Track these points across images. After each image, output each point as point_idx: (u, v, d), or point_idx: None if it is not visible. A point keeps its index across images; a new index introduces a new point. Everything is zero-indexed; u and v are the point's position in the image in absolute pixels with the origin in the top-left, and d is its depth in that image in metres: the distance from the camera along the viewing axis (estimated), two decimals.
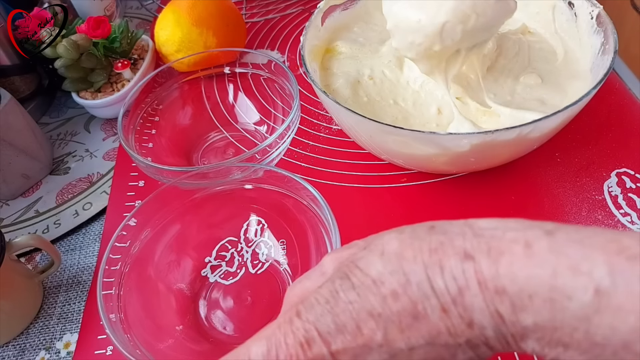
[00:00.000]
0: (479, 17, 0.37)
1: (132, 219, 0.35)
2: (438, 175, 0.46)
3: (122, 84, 0.56)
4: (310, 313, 0.21)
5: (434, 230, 0.20)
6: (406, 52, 0.41)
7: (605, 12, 0.43)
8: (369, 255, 0.21)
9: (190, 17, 0.54)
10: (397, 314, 0.19)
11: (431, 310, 0.19)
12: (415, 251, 0.20)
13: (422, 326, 0.19)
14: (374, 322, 0.20)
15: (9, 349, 0.40)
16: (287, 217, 0.39)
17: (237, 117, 0.53)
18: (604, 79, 0.37)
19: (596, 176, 0.45)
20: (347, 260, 0.22)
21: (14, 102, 0.49)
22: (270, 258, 0.40)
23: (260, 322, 0.37)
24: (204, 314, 0.38)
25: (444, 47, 0.39)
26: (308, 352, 0.20)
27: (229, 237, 0.40)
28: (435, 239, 0.20)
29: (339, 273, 0.21)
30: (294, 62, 0.61)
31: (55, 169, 0.54)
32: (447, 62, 0.42)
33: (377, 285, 0.20)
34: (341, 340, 0.20)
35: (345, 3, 0.53)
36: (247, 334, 0.35)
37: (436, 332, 0.19)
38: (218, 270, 0.40)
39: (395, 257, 0.20)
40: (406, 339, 0.19)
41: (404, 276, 0.20)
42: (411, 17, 0.38)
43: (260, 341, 0.21)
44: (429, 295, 0.19)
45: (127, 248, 0.36)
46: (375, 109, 0.45)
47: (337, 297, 0.20)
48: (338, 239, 0.32)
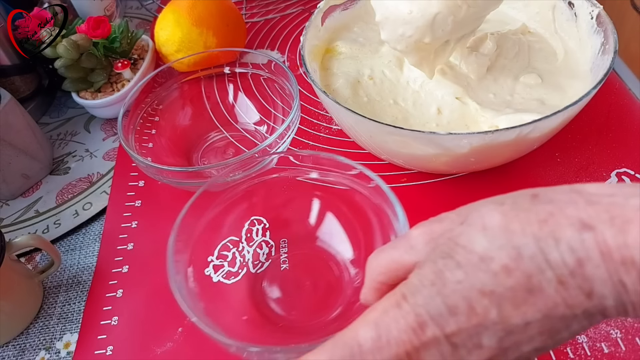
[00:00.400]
0: (470, 7, 0.37)
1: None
2: (438, 175, 0.46)
3: (122, 84, 0.56)
4: (417, 296, 0.20)
5: (537, 200, 0.20)
6: (395, 44, 0.40)
7: (605, 12, 0.43)
8: (470, 231, 0.20)
9: (190, 17, 0.54)
10: (511, 289, 0.19)
11: (547, 283, 0.18)
12: (522, 223, 0.19)
13: (537, 300, 0.19)
14: (487, 299, 0.19)
15: (9, 349, 0.40)
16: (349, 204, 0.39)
17: (237, 117, 0.53)
18: (604, 79, 0.37)
19: (596, 176, 0.45)
20: (444, 237, 0.21)
21: (14, 102, 0.49)
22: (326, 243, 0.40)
23: (321, 303, 0.37)
24: (266, 300, 0.38)
25: (434, 38, 0.38)
26: (422, 336, 0.20)
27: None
28: (542, 209, 0.19)
29: (439, 252, 0.21)
30: (294, 62, 0.61)
31: (55, 169, 0.54)
32: (436, 53, 0.41)
33: (485, 262, 0.19)
34: (455, 321, 0.19)
35: (345, 3, 0.53)
36: (310, 317, 0.36)
37: (553, 305, 0.19)
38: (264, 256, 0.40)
39: (501, 230, 0.19)
40: (522, 314, 0.19)
41: (514, 250, 0.19)
42: (402, 9, 0.38)
43: (367, 326, 0.21)
44: (543, 269, 0.18)
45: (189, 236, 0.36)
46: (375, 109, 0.45)
47: (444, 278, 0.20)
48: (405, 222, 0.32)
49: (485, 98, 0.44)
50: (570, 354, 0.35)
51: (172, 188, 0.47)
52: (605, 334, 0.35)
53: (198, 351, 0.37)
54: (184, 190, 0.47)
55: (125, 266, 0.43)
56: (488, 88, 0.45)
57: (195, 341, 0.38)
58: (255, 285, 0.39)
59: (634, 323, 0.36)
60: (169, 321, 0.39)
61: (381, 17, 0.40)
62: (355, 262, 0.39)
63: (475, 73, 0.45)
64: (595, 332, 0.36)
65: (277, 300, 0.38)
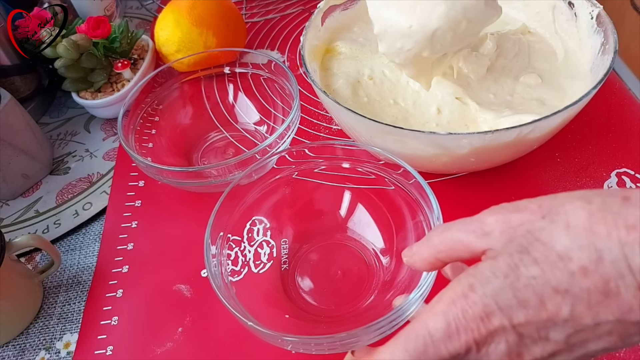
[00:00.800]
0: (470, 23, 0.37)
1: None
2: (438, 175, 0.46)
3: (122, 84, 0.56)
4: (487, 287, 0.20)
5: (629, 203, 0.19)
6: (394, 57, 0.40)
7: (605, 12, 0.43)
8: (552, 228, 0.20)
9: (190, 17, 0.54)
10: (587, 290, 0.19)
11: (625, 289, 0.18)
12: (609, 226, 0.19)
13: (612, 303, 0.19)
14: (560, 297, 0.19)
15: (9, 349, 0.40)
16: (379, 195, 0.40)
17: (237, 117, 0.53)
18: (604, 79, 0.37)
19: (596, 176, 0.45)
20: (522, 229, 0.21)
21: (14, 102, 0.49)
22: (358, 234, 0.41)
23: (355, 291, 0.38)
24: (299, 291, 0.39)
25: (433, 52, 0.38)
26: (488, 325, 0.20)
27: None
28: (632, 214, 0.19)
29: (516, 245, 0.21)
30: (294, 62, 0.61)
31: (55, 169, 0.54)
32: (433, 65, 0.41)
33: (563, 261, 0.19)
34: (523, 314, 0.20)
35: (345, 3, 0.53)
36: (343, 306, 0.37)
37: (628, 309, 0.19)
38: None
39: (585, 231, 0.19)
40: (594, 314, 0.19)
41: (596, 253, 0.19)
42: (402, 23, 0.38)
43: (436, 316, 0.21)
44: (624, 274, 0.18)
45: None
46: (375, 109, 0.45)
47: (518, 272, 0.20)
48: (439, 215, 0.32)
49: (485, 98, 0.44)
50: None
51: (172, 188, 0.47)
52: None
53: (198, 351, 0.37)
54: (184, 190, 0.47)
55: (125, 266, 0.43)
56: (488, 88, 0.45)
57: (195, 341, 0.38)
58: (287, 278, 0.40)
59: None
60: (169, 321, 0.39)
61: (380, 30, 0.40)
62: (385, 251, 0.39)
63: (475, 73, 0.45)
64: None
65: (310, 292, 0.39)
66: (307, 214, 0.42)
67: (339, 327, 0.35)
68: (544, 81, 0.45)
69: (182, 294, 0.41)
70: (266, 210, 0.40)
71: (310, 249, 0.41)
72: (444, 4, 0.37)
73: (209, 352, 0.37)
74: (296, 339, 0.29)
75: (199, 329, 0.39)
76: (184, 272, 0.42)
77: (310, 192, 0.42)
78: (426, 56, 0.39)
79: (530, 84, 0.45)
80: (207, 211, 0.35)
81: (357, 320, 0.35)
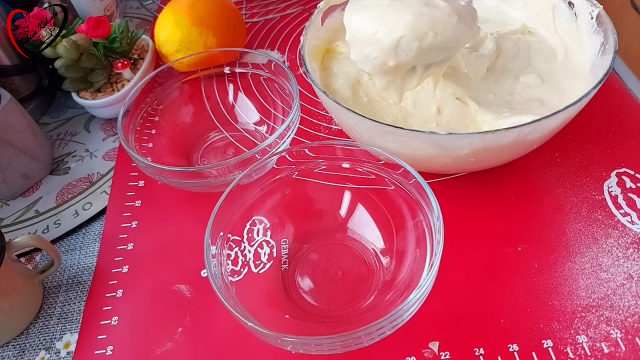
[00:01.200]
0: (437, 35, 0.37)
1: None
2: (438, 175, 0.46)
3: (122, 84, 0.56)
4: None
5: None
6: (363, 65, 0.40)
7: (605, 12, 0.43)
8: None
9: (190, 17, 0.54)
10: None
11: None
12: None
13: None
14: None
15: (9, 349, 0.40)
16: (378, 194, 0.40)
17: (237, 117, 0.53)
18: (604, 79, 0.37)
19: (596, 176, 0.45)
20: None
21: (14, 102, 0.49)
22: (358, 234, 0.41)
23: (355, 291, 0.38)
24: (299, 292, 0.39)
25: (398, 62, 0.38)
26: None
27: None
28: None
29: None
30: (294, 62, 0.62)
31: (55, 169, 0.54)
32: (403, 79, 0.41)
33: None
34: None
35: (345, 3, 0.53)
36: (344, 306, 0.37)
37: None
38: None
39: None
40: None
41: None
42: (368, 29, 0.38)
43: None
44: None
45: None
46: (375, 109, 0.45)
47: None
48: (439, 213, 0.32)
49: (485, 98, 0.44)
50: (570, 354, 0.35)
51: (172, 188, 0.47)
52: (605, 334, 0.35)
53: (198, 351, 0.37)
54: (184, 190, 0.47)
55: (125, 266, 0.43)
56: (488, 88, 0.45)
57: (195, 341, 0.38)
58: (287, 278, 0.40)
59: (634, 323, 0.36)
60: (169, 321, 0.39)
61: (350, 36, 0.40)
62: (385, 251, 0.39)
63: (475, 73, 0.45)
64: (595, 332, 0.36)
65: (310, 292, 0.39)
66: (307, 214, 0.42)
67: (339, 327, 0.35)
68: (543, 81, 0.45)
69: (182, 294, 0.41)
70: (266, 210, 0.40)
71: (310, 249, 0.41)
72: (412, 14, 0.36)
73: (209, 352, 0.37)
74: (296, 340, 0.29)
75: (199, 329, 0.39)
76: (184, 272, 0.42)
77: (310, 192, 0.42)
78: (392, 66, 0.38)
79: (530, 84, 0.45)
80: (207, 211, 0.35)
81: (357, 320, 0.36)
